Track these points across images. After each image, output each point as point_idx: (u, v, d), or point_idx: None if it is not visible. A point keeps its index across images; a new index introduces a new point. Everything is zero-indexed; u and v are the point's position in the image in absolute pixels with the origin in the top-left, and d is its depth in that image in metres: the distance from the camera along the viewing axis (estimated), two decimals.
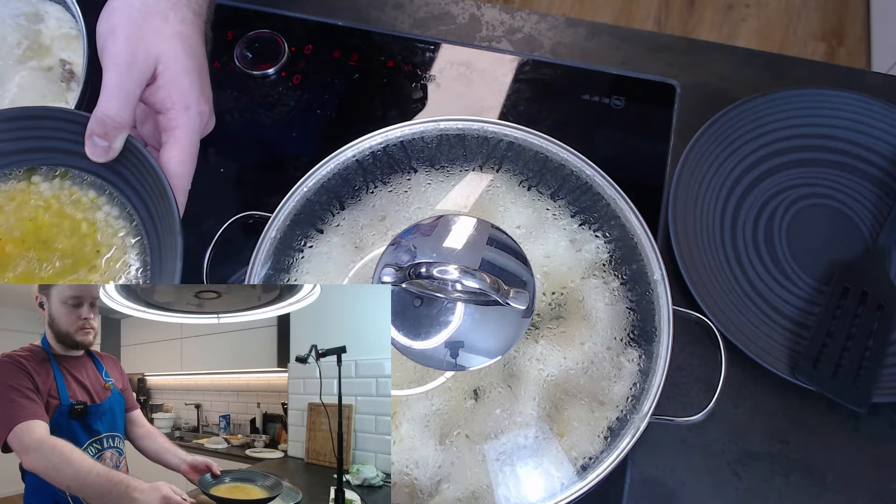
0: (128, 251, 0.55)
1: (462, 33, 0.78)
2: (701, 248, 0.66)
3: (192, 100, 0.53)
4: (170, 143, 0.53)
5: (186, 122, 0.53)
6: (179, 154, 0.53)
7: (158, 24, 0.53)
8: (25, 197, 0.56)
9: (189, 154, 0.53)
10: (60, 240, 0.55)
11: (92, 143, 0.52)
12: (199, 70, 0.55)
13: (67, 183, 0.57)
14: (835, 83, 0.73)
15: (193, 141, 0.54)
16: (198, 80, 0.54)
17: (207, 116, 0.55)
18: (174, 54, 0.53)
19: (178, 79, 0.53)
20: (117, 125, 0.51)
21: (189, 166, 0.53)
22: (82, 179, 0.57)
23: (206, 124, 0.55)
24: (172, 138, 0.53)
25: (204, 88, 0.55)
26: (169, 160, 0.52)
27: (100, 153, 0.52)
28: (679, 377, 0.62)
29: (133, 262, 0.55)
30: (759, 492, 0.58)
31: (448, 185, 0.55)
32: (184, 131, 0.53)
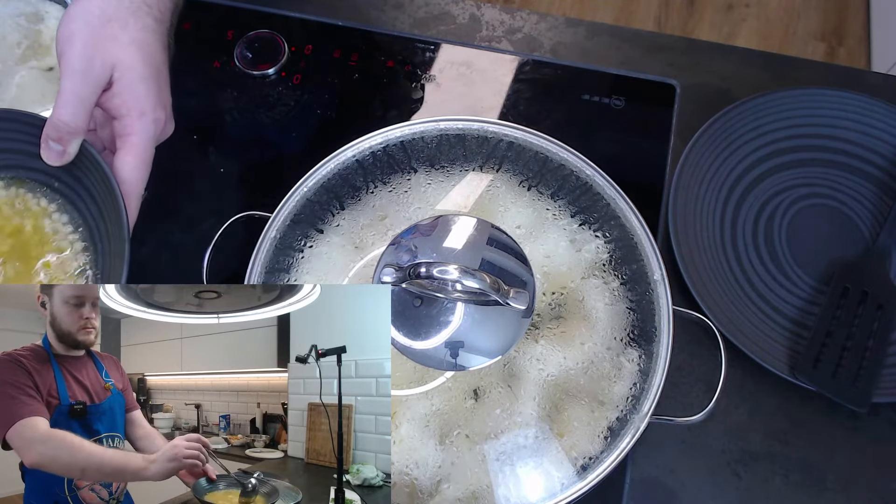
0: (77, 256, 0.55)
1: (462, 33, 0.78)
2: (701, 248, 0.66)
3: (148, 107, 0.54)
4: (124, 150, 0.54)
5: (141, 129, 0.54)
6: (133, 160, 0.53)
7: (117, 30, 0.53)
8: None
9: (142, 160, 0.54)
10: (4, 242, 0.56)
11: (47, 147, 0.52)
12: (157, 77, 0.55)
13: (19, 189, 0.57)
14: (835, 83, 0.73)
15: (147, 148, 0.54)
16: (155, 87, 0.55)
17: (164, 123, 0.56)
18: (131, 62, 0.53)
19: (133, 86, 0.53)
20: (72, 130, 0.52)
21: (142, 172, 0.54)
22: (35, 183, 0.57)
23: (162, 131, 0.56)
24: (127, 144, 0.54)
25: (161, 95, 0.55)
26: (123, 166, 0.53)
27: (54, 157, 0.53)
28: (679, 377, 0.62)
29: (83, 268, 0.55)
30: (759, 492, 0.58)
31: (448, 185, 0.55)
32: (138, 138, 0.53)
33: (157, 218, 0.70)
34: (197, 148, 0.72)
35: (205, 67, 0.75)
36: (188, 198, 0.70)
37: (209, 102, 0.74)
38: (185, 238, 0.68)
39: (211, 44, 0.76)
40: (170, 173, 0.71)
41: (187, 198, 0.70)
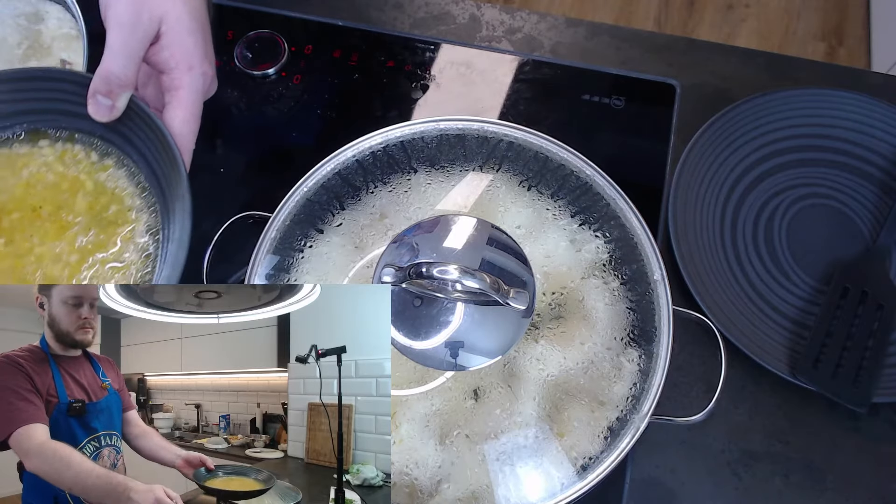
0: (136, 212, 0.55)
1: (462, 33, 0.78)
2: (701, 248, 0.66)
3: (196, 60, 0.53)
4: (173, 104, 0.53)
5: (190, 82, 0.53)
6: (183, 114, 0.53)
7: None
8: (28, 160, 0.56)
9: (192, 114, 0.53)
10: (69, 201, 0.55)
11: (95, 102, 0.51)
12: (203, 31, 0.55)
13: (73, 146, 0.56)
14: (835, 83, 0.73)
15: (197, 101, 0.53)
16: (202, 41, 0.54)
17: (211, 79, 0.55)
18: (178, 15, 0.53)
19: (181, 39, 0.53)
20: (121, 83, 0.51)
21: (193, 125, 0.53)
22: (87, 142, 0.56)
23: (209, 86, 0.55)
24: (176, 98, 0.53)
25: (207, 50, 0.55)
26: (173, 119, 0.52)
27: (103, 112, 0.52)
28: (679, 377, 0.62)
29: (141, 224, 0.54)
30: (759, 492, 0.58)
31: (448, 185, 0.55)
32: (187, 91, 0.53)
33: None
34: (197, 148, 0.72)
35: None
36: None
37: (209, 102, 0.74)
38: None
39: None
40: None
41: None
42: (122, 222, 0.55)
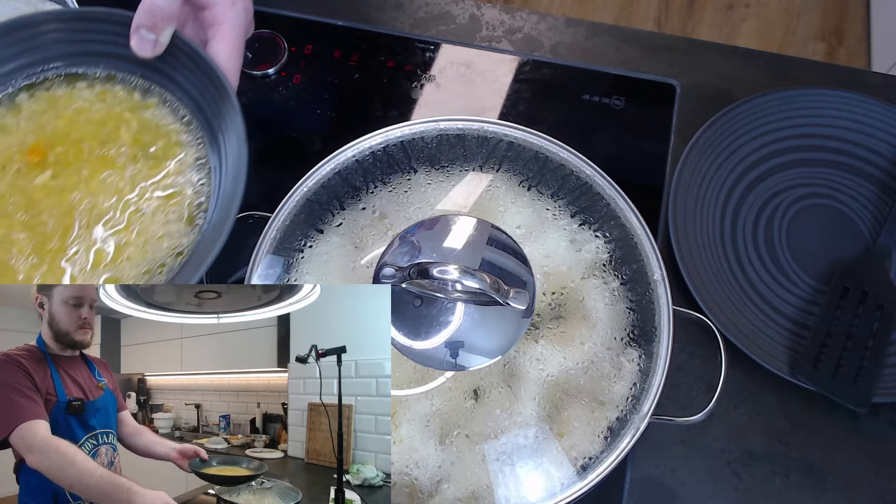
0: (184, 147, 0.54)
1: (462, 33, 0.78)
2: (701, 248, 0.66)
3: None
4: (216, 38, 0.52)
5: (233, 16, 0.52)
6: (227, 48, 0.51)
7: None
8: (68, 101, 0.55)
9: (236, 49, 0.52)
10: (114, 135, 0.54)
11: (139, 37, 0.50)
12: None
13: (113, 86, 0.55)
14: (835, 83, 0.73)
15: (240, 36, 0.52)
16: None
17: (251, 15, 0.54)
18: None
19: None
20: (166, 16, 0.49)
21: (237, 61, 0.52)
22: (128, 81, 0.55)
23: (249, 23, 0.54)
24: (219, 33, 0.52)
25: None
26: (217, 54, 0.51)
27: (147, 47, 0.51)
28: (679, 377, 0.62)
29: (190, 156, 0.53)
30: (759, 492, 0.58)
31: (448, 185, 0.55)
32: (230, 26, 0.52)
33: None
34: None
35: None
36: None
37: None
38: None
39: None
40: None
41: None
42: (170, 156, 0.53)
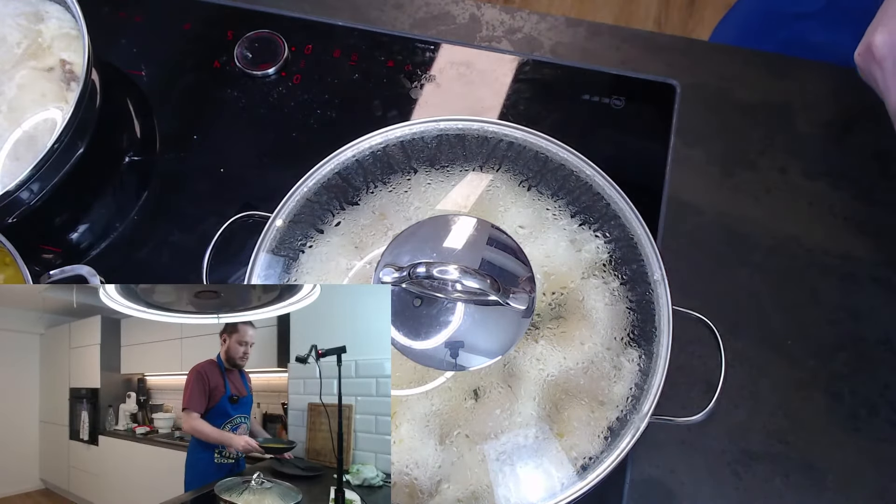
0: None
1: (462, 33, 0.78)
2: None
3: None
4: None
5: None
6: None
7: None
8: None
9: None
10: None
11: None
12: None
13: None
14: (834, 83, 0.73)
15: None
16: None
17: None
18: None
19: None
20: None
21: None
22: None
23: None
24: None
25: None
26: None
27: None
28: (679, 377, 0.62)
29: None
30: (759, 492, 0.58)
31: (448, 185, 0.55)
32: None
33: (158, 218, 0.70)
34: (197, 148, 0.72)
35: (205, 67, 0.75)
36: (188, 198, 0.70)
37: (209, 102, 0.74)
38: (185, 238, 0.68)
39: (211, 44, 0.76)
40: (170, 173, 0.72)
41: (187, 198, 0.70)
42: None
